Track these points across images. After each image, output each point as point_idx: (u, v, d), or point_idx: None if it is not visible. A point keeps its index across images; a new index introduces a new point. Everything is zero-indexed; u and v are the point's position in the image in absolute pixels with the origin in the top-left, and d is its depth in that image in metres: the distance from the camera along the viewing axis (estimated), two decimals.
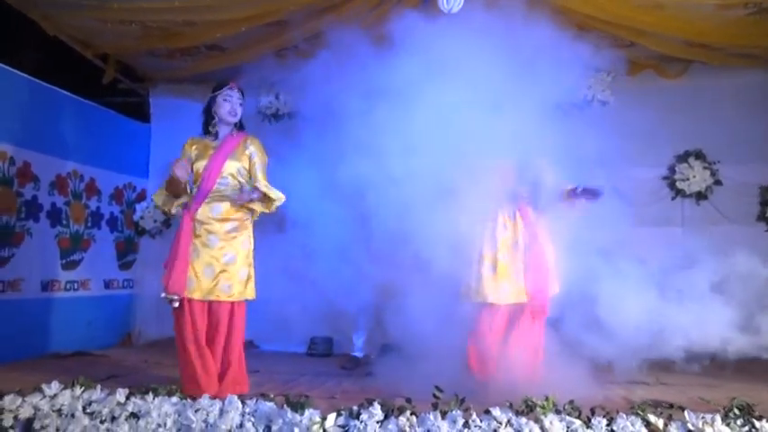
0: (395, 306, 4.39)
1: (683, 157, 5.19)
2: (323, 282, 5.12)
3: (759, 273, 4.76)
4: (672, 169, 5.19)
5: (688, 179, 5.15)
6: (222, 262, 3.26)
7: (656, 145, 5.13)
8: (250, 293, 3.34)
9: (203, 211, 3.30)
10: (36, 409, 2.73)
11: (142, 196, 5.74)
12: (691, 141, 5.19)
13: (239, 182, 3.35)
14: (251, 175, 3.38)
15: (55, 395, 2.78)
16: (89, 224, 5.11)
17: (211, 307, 3.29)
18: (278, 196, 3.38)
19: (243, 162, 3.36)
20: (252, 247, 3.42)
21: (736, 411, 2.27)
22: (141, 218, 5.65)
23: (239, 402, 2.59)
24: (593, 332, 4.22)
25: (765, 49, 4.78)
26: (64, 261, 4.82)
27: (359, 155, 4.08)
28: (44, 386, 2.84)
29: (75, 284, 4.94)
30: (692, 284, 4.60)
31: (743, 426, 2.19)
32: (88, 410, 2.70)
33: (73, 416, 2.68)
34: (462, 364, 3.37)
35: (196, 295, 3.23)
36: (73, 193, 4.95)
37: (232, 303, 3.29)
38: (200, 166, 3.33)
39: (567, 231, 4.02)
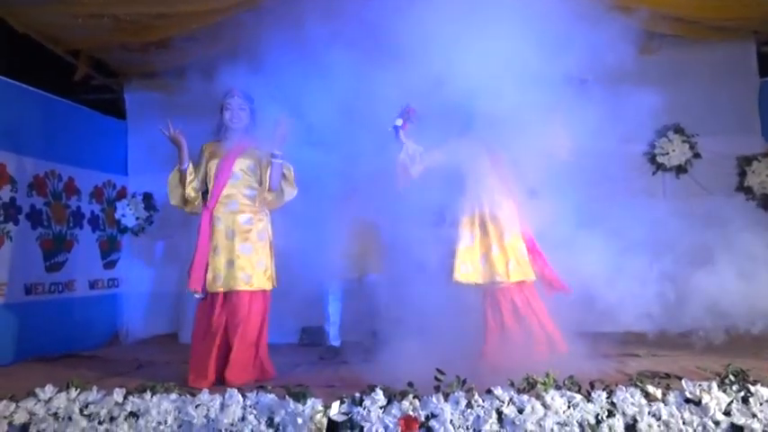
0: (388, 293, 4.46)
1: (662, 132, 5.24)
2: (311, 270, 5.12)
3: (740, 243, 4.89)
4: (652, 144, 5.24)
5: (668, 153, 5.21)
6: (240, 254, 3.45)
7: (636, 120, 5.19)
8: (269, 283, 3.56)
9: (219, 208, 3.53)
10: (31, 414, 2.68)
11: (122, 194, 5.65)
12: (669, 116, 5.24)
13: (250, 178, 3.57)
14: (262, 171, 3.57)
15: (50, 399, 2.73)
16: (71, 224, 5.02)
17: (231, 298, 3.46)
18: (291, 190, 3.64)
19: (253, 159, 3.58)
20: (270, 238, 3.63)
21: (732, 378, 2.32)
22: (123, 216, 5.56)
23: (240, 396, 2.57)
24: (582, 306, 4.33)
25: (738, 22, 4.86)
26: (48, 263, 4.73)
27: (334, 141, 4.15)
28: (38, 390, 2.79)
29: (60, 286, 4.85)
30: (674, 257, 4.71)
31: (739, 391, 2.25)
32: (85, 412, 2.66)
33: (70, 419, 2.64)
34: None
35: (221, 288, 3.44)
36: (52, 194, 4.85)
37: (250, 293, 3.47)
38: (213, 165, 3.56)
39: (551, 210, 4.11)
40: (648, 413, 2.23)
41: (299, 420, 2.39)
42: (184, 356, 4.12)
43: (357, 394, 2.45)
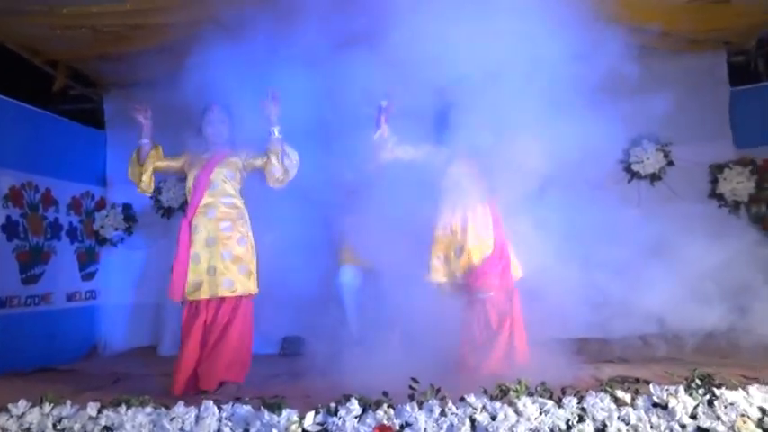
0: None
1: (637, 141, 5.33)
2: (292, 280, 5.12)
3: (714, 249, 4.98)
4: (627, 153, 5.33)
5: (642, 161, 5.30)
6: (222, 260, 3.51)
7: (612, 129, 5.28)
8: (253, 288, 3.62)
9: (199, 217, 3.58)
10: (3, 429, 2.65)
11: (101, 205, 5.62)
12: (644, 125, 5.35)
13: (228, 186, 3.63)
14: (264, 160, 3.64)
15: (23, 414, 2.70)
16: (48, 236, 4.98)
17: (215, 305, 3.53)
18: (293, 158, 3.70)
19: (231, 167, 3.66)
20: (251, 243, 3.67)
21: (698, 382, 2.37)
22: (101, 227, 5.52)
23: (215, 407, 2.57)
24: (557, 314, 4.39)
25: (710, 34, 4.98)
26: (24, 275, 4.69)
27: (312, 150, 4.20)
28: (10, 405, 2.76)
29: (37, 299, 4.80)
30: (650, 264, 4.79)
31: (704, 395, 2.30)
32: (59, 427, 2.63)
33: None
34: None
35: (204, 295, 3.50)
36: (29, 205, 4.81)
37: (235, 299, 3.53)
38: (192, 176, 3.64)
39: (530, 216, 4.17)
40: (618, 418, 2.27)
41: (274, 431, 2.39)
42: (163, 369, 4.11)
43: (332, 404, 2.46)
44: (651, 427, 2.22)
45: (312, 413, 2.38)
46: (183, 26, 4.47)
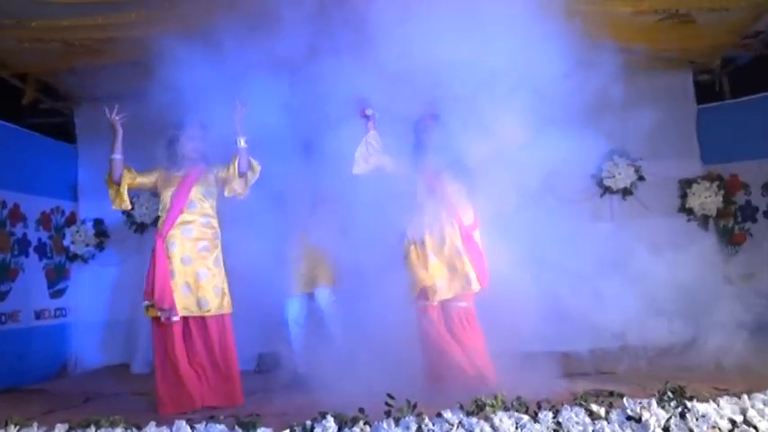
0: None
1: (608, 156, 5.43)
2: (268, 295, 5.07)
3: (682, 262, 5.08)
4: (599, 168, 5.42)
5: (614, 176, 5.40)
6: (198, 279, 3.52)
7: (585, 145, 5.38)
8: (227, 308, 3.62)
9: (174, 234, 3.57)
10: None
11: (72, 220, 5.51)
12: (615, 140, 5.46)
13: (206, 204, 3.65)
14: (228, 170, 3.64)
15: None
16: (15, 252, 4.85)
17: (189, 324, 3.55)
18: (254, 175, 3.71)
19: (208, 185, 3.67)
20: (223, 263, 3.68)
21: (670, 394, 2.41)
22: (72, 242, 5.41)
23: (188, 427, 2.52)
24: (530, 328, 4.42)
25: (679, 52, 5.12)
26: None
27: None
28: None
29: (3, 317, 4.67)
30: (622, 277, 4.87)
31: (676, 407, 2.33)
32: None
33: None
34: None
35: (181, 313, 3.48)
36: None
37: (214, 318, 3.56)
38: (168, 194, 3.62)
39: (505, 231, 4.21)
40: (592, 431, 2.29)
41: None
42: (136, 387, 4.04)
43: (308, 422, 2.44)
44: None
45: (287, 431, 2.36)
46: (154, 40, 4.44)
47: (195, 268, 3.53)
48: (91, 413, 3.28)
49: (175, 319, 3.48)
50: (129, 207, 3.81)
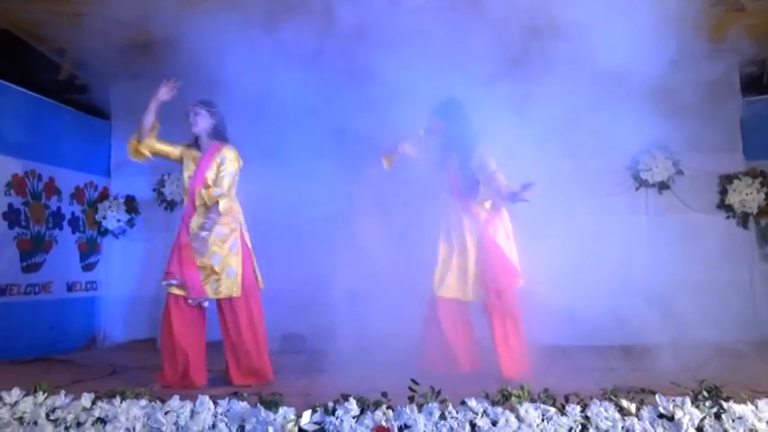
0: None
1: (645, 149, 5.27)
2: (293, 276, 5.09)
3: (720, 259, 4.93)
4: (635, 160, 5.27)
5: (651, 169, 5.24)
6: (211, 264, 3.50)
7: (621, 136, 5.23)
8: (236, 291, 3.56)
9: (196, 221, 3.56)
10: None
11: (104, 195, 5.59)
12: (653, 132, 5.29)
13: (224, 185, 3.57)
14: (216, 180, 3.56)
15: (16, 402, 2.67)
16: (50, 225, 4.94)
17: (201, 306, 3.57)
18: (210, 200, 3.54)
19: (214, 170, 3.59)
20: (242, 246, 3.61)
21: (705, 394, 2.32)
22: (104, 217, 5.49)
23: (211, 403, 2.52)
24: (559, 321, 4.34)
25: (722, 42, 4.90)
26: (24, 263, 4.66)
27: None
28: (3, 393, 2.72)
29: (37, 288, 4.77)
30: (656, 272, 4.74)
31: (711, 407, 2.24)
32: (52, 417, 2.59)
33: (36, 423, 2.57)
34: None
35: (191, 294, 3.51)
36: (31, 194, 4.78)
37: (228, 301, 3.55)
38: (186, 176, 3.63)
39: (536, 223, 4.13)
40: (622, 428, 2.22)
41: (271, 429, 2.34)
42: (161, 362, 4.07)
43: (330, 403, 2.41)
44: None
45: (309, 412, 2.34)
46: (191, 18, 4.43)
47: (211, 254, 3.51)
48: (117, 385, 3.35)
49: (206, 304, 3.55)
50: (148, 158, 3.72)
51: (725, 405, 2.23)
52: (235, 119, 4.79)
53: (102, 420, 2.53)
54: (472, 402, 2.34)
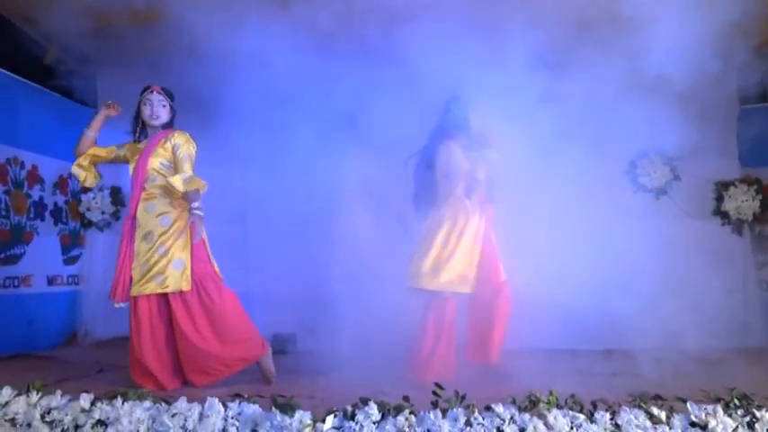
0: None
1: (643, 153, 5.27)
2: (285, 275, 4.96)
3: (715, 265, 4.95)
4: (634, 164, 5.26)
5: (649, 174, 5.24)
6: (157, 255, 3.32)
7: (619, 141, 5.22)
8: (186, 285, 3.33)
9: (141, 212, 3.41)
10: None
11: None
12: (651, 138, 5.29)
13: (165, 176, 3.39)
14: (175, 166, 3.41)
15: (7, 403, 2.49)
16: (31, 215, 4.70)
17: (153, 301, 3.39)
18: (182, 186, 3.34)
19: (165, 156, 3.43)
20: (188, 239, 3.38)
21: (736, 402, 2.27)
22: (88, 209, 5.26)
23: (221, 406, 2.39)
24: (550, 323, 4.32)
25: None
26: (3, 255, 4.42)
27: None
28: None
29: (16, 281, 4.53)
30: (652, 277, 4.73)
31: (744, 416, 2.19)
32: (47, 419, 2.43)
33: (29, 425, 2.40)
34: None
35: (135, 291, 3.36)
36: (13, 182, 4.54)
37: (173, 296, 3.34)
38: (131, 166, 3.48)
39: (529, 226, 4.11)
40: None
41: None
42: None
43: (349, 407, 2.30)
44: None
45: (331, 417, 2.21)
46: (182, 6, 4.26)
47: (157, 245, 3.32)
48: (106, 384, 3.19)
49: (120, 305, 3.41)
50: (94, 184, 3.67)
51: (757, 414, 2.19)
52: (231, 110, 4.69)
53: (102, 423, 2.37)
54: (499, 408, 2.25)
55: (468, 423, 2.22)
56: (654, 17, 4.08)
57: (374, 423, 2.24)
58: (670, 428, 2.18)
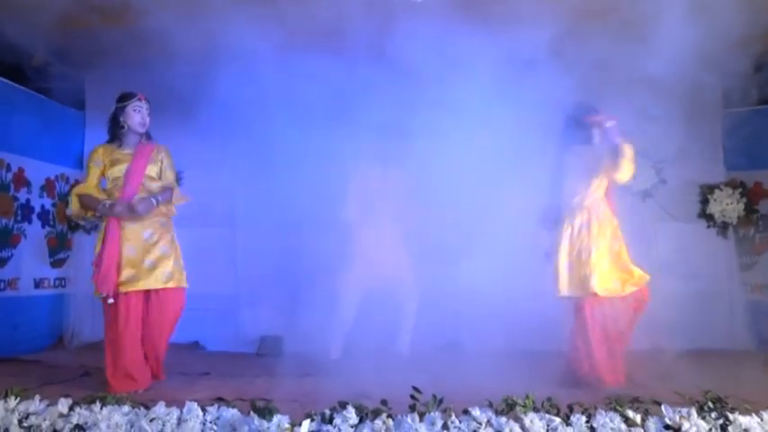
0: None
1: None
2: (273, 278, 4.96)
3: (700, 268, 4.98)
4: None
5: (634, 177, 5.25)
6: (159, 252, 3.49)
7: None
8: (185, 282, 3.57)
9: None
10: None
11: None
12: (636, 141, 5.31)
13: (155, 186, 3.56)
14: (162, 177, 3.61)
15: None
16: (18, 218, 4.69)
17: (152, 296, 3.49)
18: (181, 199, 3.64)
19: (157, 166, 3.61)
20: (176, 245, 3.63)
21: (710, 405, 2.29)
22: None
23: (199, 410, 2.39)
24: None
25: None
26: None
27: None
28: None
29: (2, 284, 4.52)
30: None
31: (717, 419, 2.21)
32: (25, 424, 2.42)
33: (7, 431, 2.40)
34: None
35: (139, 286, 3.43)
36: None
37: (173, 291, 3.51)
38: (119, 171, 3.52)
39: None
40: None
41: None
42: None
43: (327, 411, 2.31)
44: None
45: (308, 421, 2.22)
46: (170, 6, 4.26)
47: (156, 243, 3.50)
48: (90, 388, 3.18)
49: (110, 301, 3.41)
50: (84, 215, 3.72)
51: (731, 417, 2.21)
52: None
53: (80, 428, 2.37)
54: (476, 412, 2.27)
55: (444, 426, 2.23)
56: (640, 22, 4.12)
57: (352, 427, 2.25)
58: (644, 431, 2.20)
